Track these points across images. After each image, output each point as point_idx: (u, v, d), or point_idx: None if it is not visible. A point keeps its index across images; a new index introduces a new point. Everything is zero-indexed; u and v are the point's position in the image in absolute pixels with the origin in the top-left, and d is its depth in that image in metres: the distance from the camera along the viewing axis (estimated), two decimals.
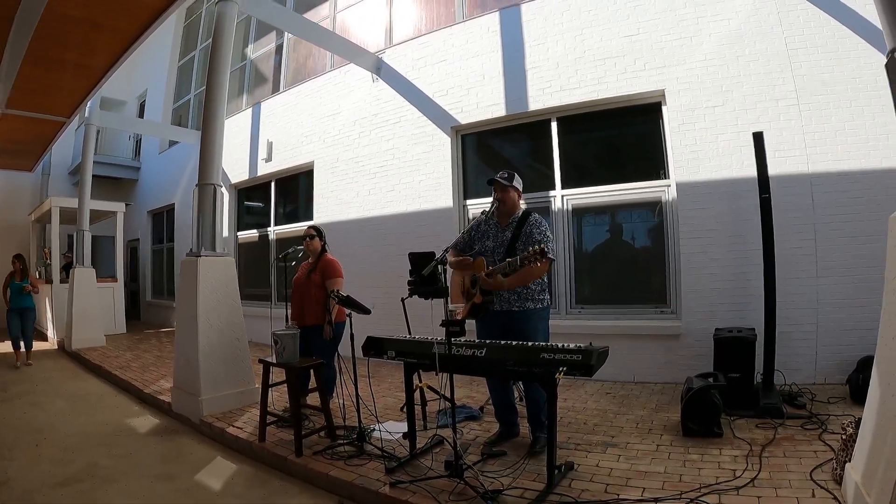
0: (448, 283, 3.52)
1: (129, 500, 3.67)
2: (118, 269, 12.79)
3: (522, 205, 4.37)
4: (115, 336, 11.61)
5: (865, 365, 4.62)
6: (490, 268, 3.87)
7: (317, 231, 5.42)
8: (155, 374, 7.44)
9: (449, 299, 3.49)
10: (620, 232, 6.81)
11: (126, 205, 13.59)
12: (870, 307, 4.75)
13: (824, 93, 5.35)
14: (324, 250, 5.39)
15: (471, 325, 4.14)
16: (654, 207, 6.37)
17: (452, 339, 3.44)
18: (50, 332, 11.87)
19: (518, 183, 4.12)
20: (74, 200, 10.85)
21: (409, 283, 3.64)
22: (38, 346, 11.11)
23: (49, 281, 12.00)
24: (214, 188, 5.65)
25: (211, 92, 5.79)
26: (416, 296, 3.69)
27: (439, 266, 3.45)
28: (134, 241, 16.00)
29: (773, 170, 4.94)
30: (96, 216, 12.36)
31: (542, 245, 3.48)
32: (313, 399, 4.90)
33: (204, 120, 5.80)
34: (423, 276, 3.41)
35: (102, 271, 12.09)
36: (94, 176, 10.85)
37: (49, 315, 12.05)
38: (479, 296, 3.99)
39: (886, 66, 2.69)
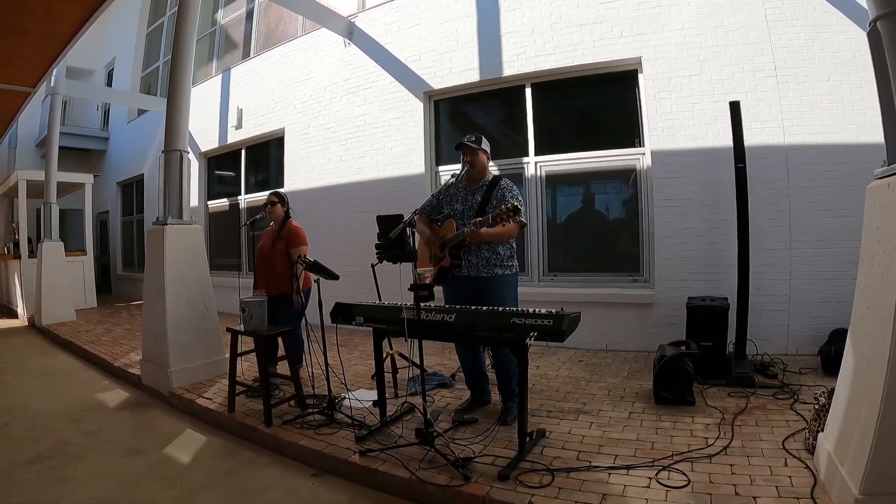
0: (416, 247, 3.45)
1: (97, 475, 3.60)
2: (87, 243, 12.51)
3: (494, 170, 4.30)
4: (85, 311, 11.40)
5: (838, 337, 4.67)
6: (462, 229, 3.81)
7: (278, 197, 5.31)
8: (125, 347, 7.33)
9: (417, 263, 3.43)
10: (594, 200, 6.78)
11: (95, 176, 13.27)
12: (842, 280, 4.84)
13: (803, 66, 5.33)
14: (287, 216, 5.30)
15: (439, 293, 4.11)
16: (628, 175, 6.34)
17: (422, 304, 3.38)
18: (20, 309, 11.63)
19: (486, 145, 4.05)
20: (41, 173, 10.52)
21: (377, 246, 3.56)
22: (8, 323, 10.99)
23: (18, 256, 11.71)
24: (181, 154, 5.48)
25: (177, 55, 5.57)
26: (386, 260, 3.61)
27: (407, 228, 3.38)
28: (103, 213, 15.68)
29: (748, 140, 4.95)
30: (65, 189, 12.05)
31: (514, 202, 3.42)
32: (283, 368, 4.84)
33: (170, 84, 5.60)
34: (391, 238, 3.33)
35: (72, 245, 11.82)
36: (61, 147, 10.57)
37: (18, 291, 11.79)
38: (447, 258, 3.93)
39: (868, 34, 2.65)
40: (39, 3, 5.98)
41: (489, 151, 4.10)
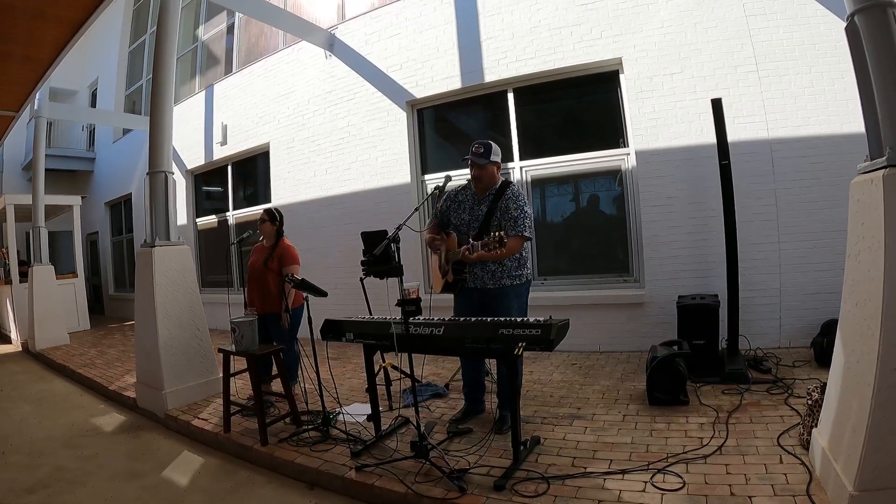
0: (401, 262, 3.44)
1: (97, 501, 3.59)
2: (78, 264, 12.44)
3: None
4: (79, 333, 11.34)
5: (829, 328, 4.67)
6: (461, 247, 3.77)
7: (269, 214, 5.25)
8: (120, 369, 7.28)
9: (403, 279, 3.42)
10: (581, 202, 6.79)
11: (82, 197, 13.18)
12: (832, 271, 4.85)
13: (783, 59, 5.36)
14: (280, 234, 5.25)
15: (448, 302, 4.14)
16: (613, 176, 6.35)
17: (410, 318, 3.38)
18: (13, 335, 11.53)
19: (496, 155, 3.92)
20: (29, 197, 10.46)
21: (363, 262, 3.55)
22: (1, 349, 10.91)
23: (9, 282, 11.64)
24: (165, 175, 5.47)
25: (158, 75, 5.57)
26: (372, 275, 3.60)
27: (392, 244, 3.37)
28: (93, 234, 15.60)
29: (732, 136, 4.96)
30: (53, 211, 11.97)
31: (502, 231, 3.39)
32: (277, 385, 4.81)
33: (152, 105, 5.60)
34: (375, 255, 3.33)
35: (62, 267, 11.73)
36: (48, 170, 10.48)
37: (11, 316, 11.69)
38: (450, 274, 3.94)
39: (846, 29, 2.67)
40: (20, 27, 5.95)
41: (499, 160, 3.98)
